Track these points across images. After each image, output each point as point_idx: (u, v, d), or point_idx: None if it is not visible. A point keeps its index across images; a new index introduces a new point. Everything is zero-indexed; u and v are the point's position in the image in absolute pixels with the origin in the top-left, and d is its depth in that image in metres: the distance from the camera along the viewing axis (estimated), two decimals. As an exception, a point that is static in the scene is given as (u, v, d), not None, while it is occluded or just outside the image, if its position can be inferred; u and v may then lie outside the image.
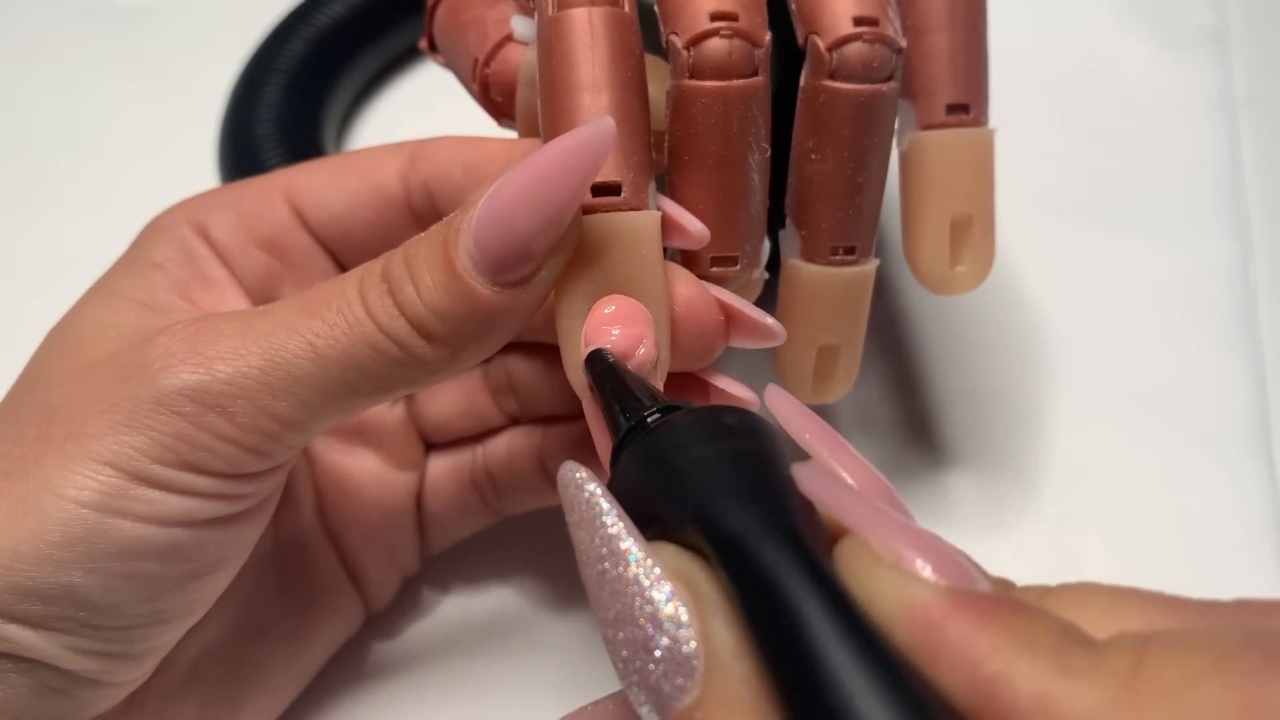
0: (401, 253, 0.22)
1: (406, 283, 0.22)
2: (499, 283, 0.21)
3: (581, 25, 0.22)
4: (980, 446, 0.35)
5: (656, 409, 0.19)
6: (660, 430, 0.19)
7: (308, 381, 0.22)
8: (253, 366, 0.22)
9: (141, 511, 0.22)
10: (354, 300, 0.22)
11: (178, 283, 0.26)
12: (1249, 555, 0.33)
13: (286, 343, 0.22)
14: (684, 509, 0.17)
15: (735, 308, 0.24)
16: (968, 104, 0.27)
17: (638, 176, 0.22)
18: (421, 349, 0.22)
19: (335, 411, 0.23)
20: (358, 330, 0.22)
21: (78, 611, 0.22)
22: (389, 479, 0.30)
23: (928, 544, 0.16)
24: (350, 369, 0.22)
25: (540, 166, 0.21)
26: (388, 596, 0.32)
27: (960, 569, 0.15)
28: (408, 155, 0.27)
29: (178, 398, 0.22)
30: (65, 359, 0.24)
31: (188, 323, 0.23)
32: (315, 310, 0.22)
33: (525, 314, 0.22)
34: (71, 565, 0.21)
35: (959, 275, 0.27)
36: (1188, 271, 0.39)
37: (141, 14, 0.48)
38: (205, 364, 0.22)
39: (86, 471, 0.21)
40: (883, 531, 0.16)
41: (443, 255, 0.22)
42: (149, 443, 0.22)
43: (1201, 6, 0.46)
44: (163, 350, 0.22)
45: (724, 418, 0.18)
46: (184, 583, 0.23)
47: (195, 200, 0.27)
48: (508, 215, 0.21)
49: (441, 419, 0.31)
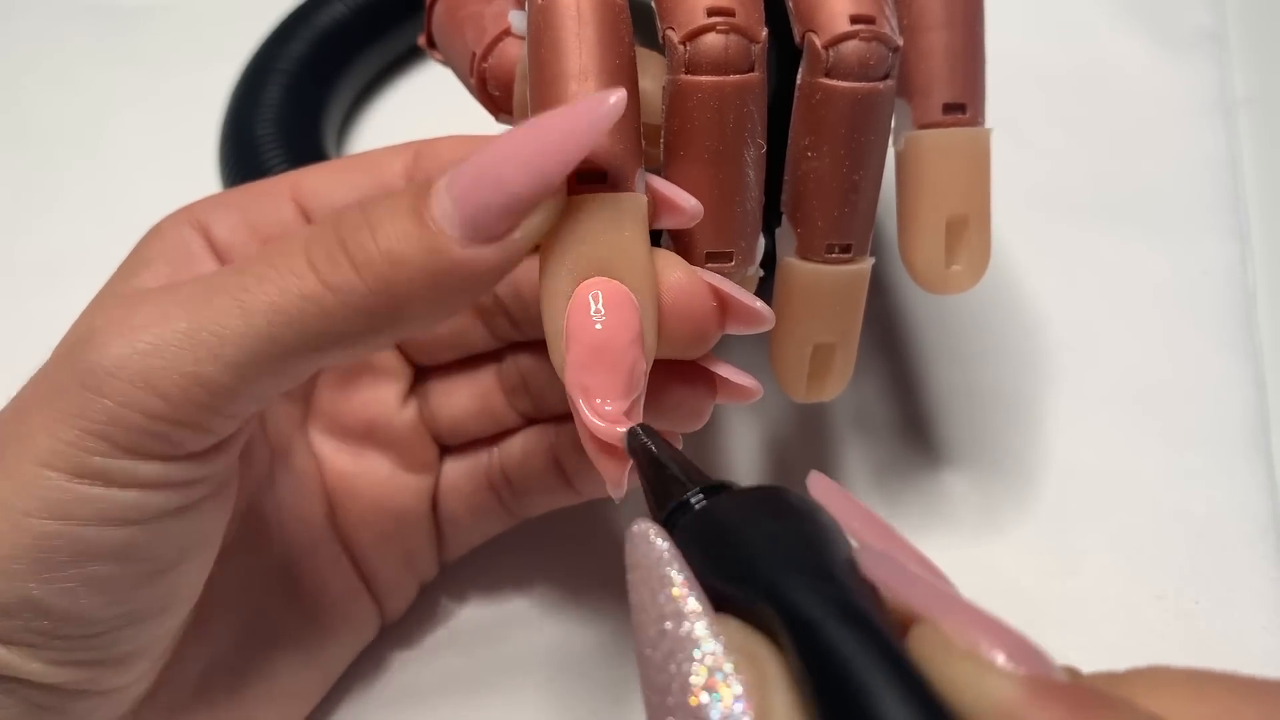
0: (359, 204, 0.22)
1: (361, 229, 0.21)
2: (471, 238, 0.21)
3: (569, 12, 0.22)
4: (978, 446, 0.35)
5: (700, 489, 0.19)
6: (722, 506, 0.18)
7: (233, 340, 0.21)
8: (176, 331, 0.21)
9: (86, 513, 0.21)
10: (294, 251, 0.21)
11: (161, 277, 0.25)
12: (1248, 555, 0.33)
13: (211, 299, 0.21)
14: (754, 585, 0.16)
15: (727, 293, 0.23)
16: (964, 103, 0.27)
17: (624, 164, 0.22)
18: (360, 297, 0.21)
19: (269, 375, 0.21)
20: (290, 280, 0.21)
21: (42, 622, 0.21)
22: (402, 482, 0.30)
23: (1001, 631, 0.15)
24: (278, 323, 0.21)
25: (539, 125, 0.21)
26: (405, 603, 0.31)
27: (1036, 656, 0.15)
28: (412, 154, 0.27)
29: (100, 375, 0.21)
30: None
31: (120, 293, 0.22)
32: (247, 267, 0.21)
33: (487, 280, 0.21)
34: (26, 577, 0.21)
35: (954, 275, 0.27)
36: (1186, 271, 0.39)
37: (142, 14, 0.48)
38: (128, 334, 0.21)
39: (26, 478, 0.21)
40: (957, 617, 0.15)
41: (410, 205, 0.21)
42: (79, 433, 0.21)
43: (1200, 7, 0.46)
44: (86, 326, 0.22)
45: (787, 498, 0.18)
46: (148, 580, 0.22)
47: (201, 202, 0.27)
48: (495, 168, 0.20)
49: (455, 420, 0.30)
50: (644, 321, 0.22)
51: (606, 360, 0.21)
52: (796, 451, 0.35)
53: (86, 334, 0.21)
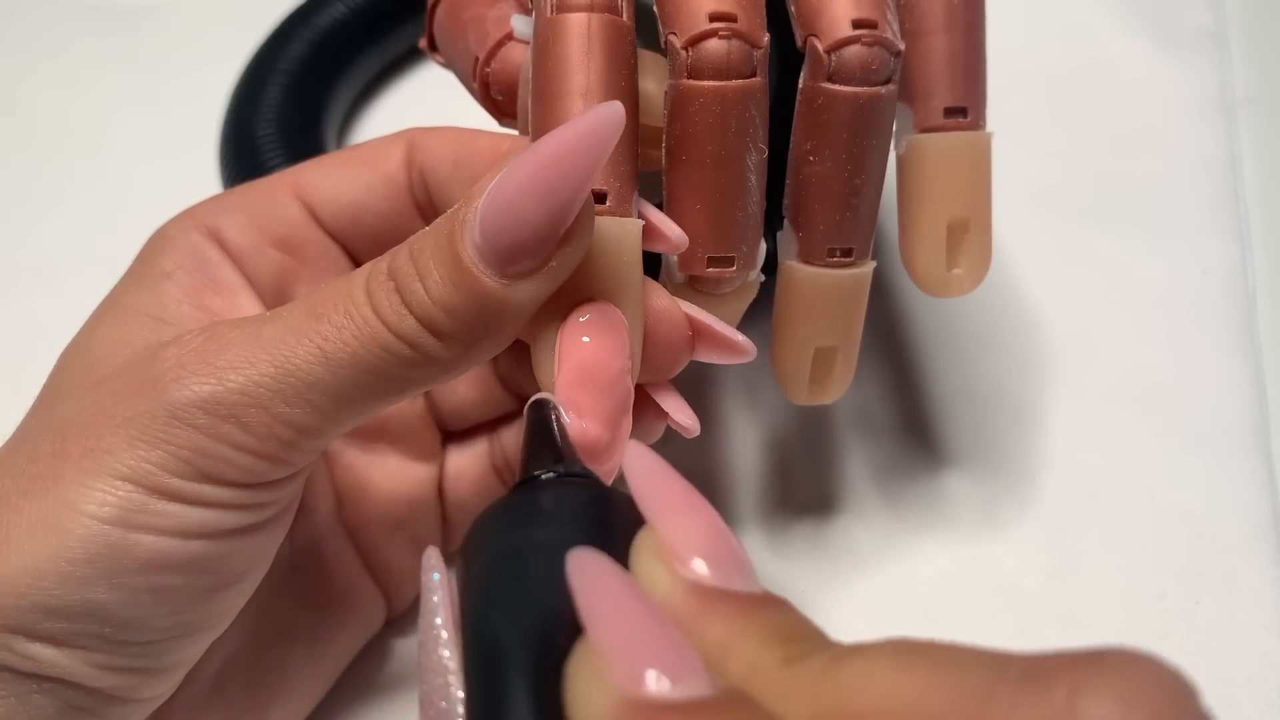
0: (407, 249, 0.22)
1: (414, 279, 0.21)
2: (507, 275, 0.21)
3: (579, 30, 0.23)
4: (979, 447, 0.35)
5: (551, 472, 0.19)
6: (489, 511, 0.19)
7: (320, 387, 0.22)
8: (264, 375, 0.22)
9: (162, 525, 0.21)
10: (361, 301, 0.22)
11: (188, 291, 0.25)
12: (1248, 555, 0.33)
13: (295, 348, 0.22)
14: (464, 600, 0.18)
15: (704, 323, 0.24)
16: (965, 107, 0.27)
17: (624, 186, 0.23)
18: (433, 347, 0.22)
19: (350, 415, 0.22)
20: (366, 332, 0.22)
21: (102, 628, 0.21)
22: (409, 471, 0.30)
23: (652, 646, 0.16)
24: (362, 371, 0.22)
25: (546, 154, 0.20)
26: (412, 592, 0.31)
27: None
28: (406, 143, 0.27)
29: (191, 410, 0.21)
30: (79, 377, 0.24)
31: (196, 333, 0.23)
32: (323, 313, 0.22)
33: (535, 304, 0.22)
34: (95, 582, 0.21)
35: (955, 278, 0.27)
36: (1186, 271, 0.39)
37: (143, 14, 0.48)
38: (216, 374, 0.22)
39: (105, 487, 0.21)
40: (602, 630, 0.15)
41: (449, 249, 0.21)
42: (165, 456, 0.21)
43: (1200, 7, 0.46)
44: (173, 363, 0.22)
45: (540, 499, 0.18)
46: (209, 594, 0.23)
47: (203, 205, 0.27)
48: (515, 205, 0.21)
49: (458, 408, 0.31)
50: (632, 345, 0.22)
51: (600, 383, 0.22)
52: (797, 452, 0.35)
53: (172, 372, 0.22)
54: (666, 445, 0.25)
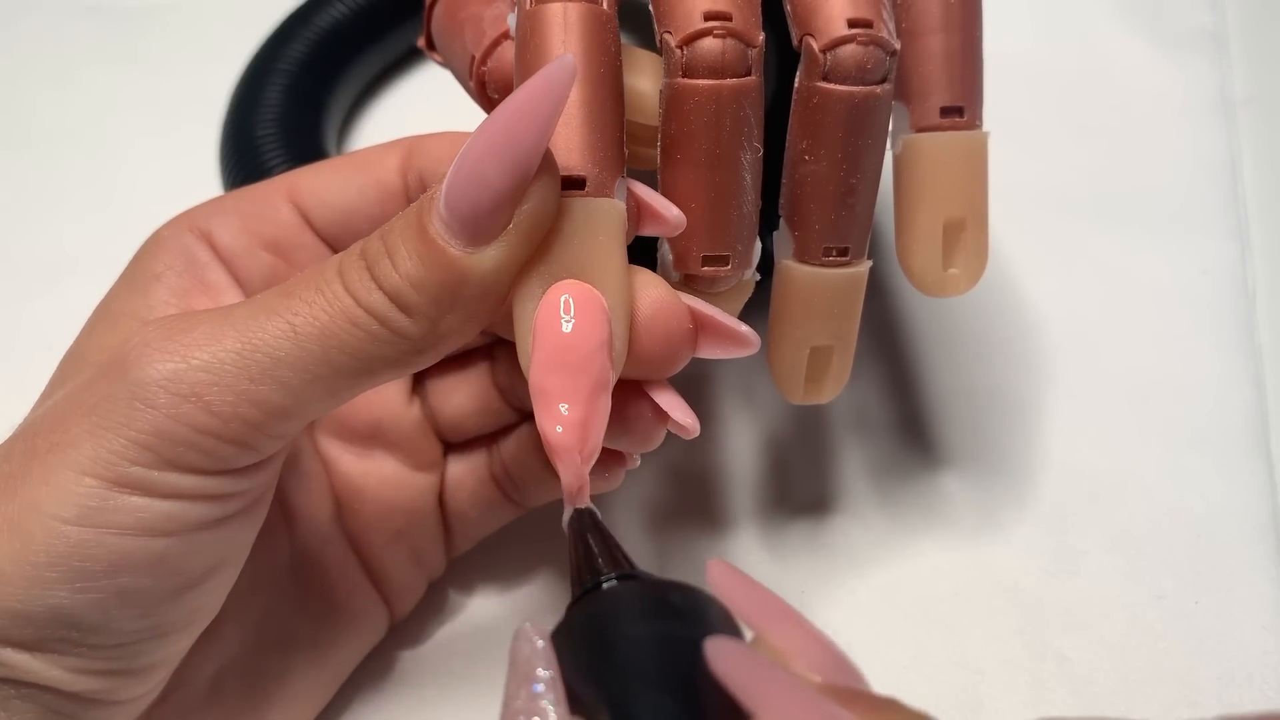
0: (379, 231, 0.22)
1: (383, 256, 0.22)
2: (471, 241, 0.21)
3: (556, 19, 0.23)
4: (977, 447, 0.35)
5: (615, 575, 0.19)
6: (600, 603, 0.19)
7: (286, 362, 0.21)
8: (229, 350, 0.21)
9: (124, 522, 0.21)
10: (332, 279, 0.22)
11: (176, 291, 0.25)
12: (1247, 555, 0.33)
13: (265, 324, 0.22)
14: (600, 692, 0.17)
15: (708, 315, 0.24)
16: (962, 106, 0.27)
17: (603, 173, 0.22)
18: (400, 322, 0.22)
19: (319, 395, 0.22)
20: (336, 306, 0.21)
21: (70, 632, 0.21)
22: (409, 481, 0.30)
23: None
24: (330, 347, 0.21)
25: (504, 112, 0.21)
26: (413, 601, 0.31)
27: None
28: (404, 150, 0.27)
29: (152, 389, 0.21)
30: (67, 382, 0.24)
31: (168, 316, 0.23)
32: (294, 291, 0.22)
33: (499, 278, 0.22)
34: (58, 585, 0.21)
35: (952, 278, 0.27)
36: (1186, 271, 0.39)
37: (143, 14, 0.48)
38: (181, 351, 0.21)
39: (67, 485, 0.21)
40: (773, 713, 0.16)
41: (417, 225, 0.21)
42: (125, 443, 0.21)
43: (1200, 7, 0.46)
44: (138, 341, 0.22)
45: (670, 597, 0.19)
46: (177, 594, 0.22)
47: (198, 208, 0.27)
48: (477, 169, 0.21)
49: (457, 418, 0.31)
50: (614, 327, 0.22)
51: (571, 363, 0.22)
52: (795, 452, 0.35)
53: (136, 351, 0.22)
54: (662, 445, 0.25)
